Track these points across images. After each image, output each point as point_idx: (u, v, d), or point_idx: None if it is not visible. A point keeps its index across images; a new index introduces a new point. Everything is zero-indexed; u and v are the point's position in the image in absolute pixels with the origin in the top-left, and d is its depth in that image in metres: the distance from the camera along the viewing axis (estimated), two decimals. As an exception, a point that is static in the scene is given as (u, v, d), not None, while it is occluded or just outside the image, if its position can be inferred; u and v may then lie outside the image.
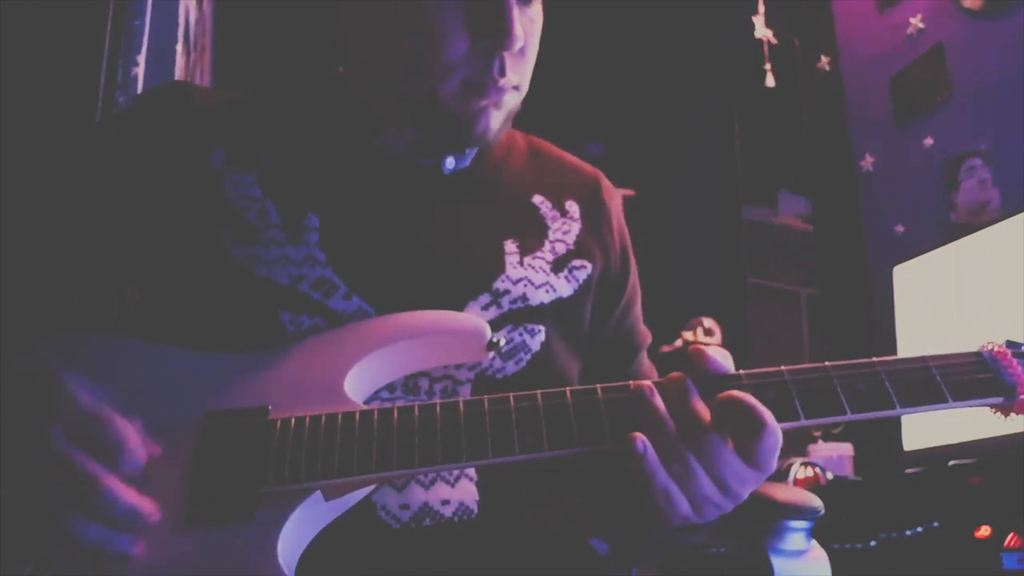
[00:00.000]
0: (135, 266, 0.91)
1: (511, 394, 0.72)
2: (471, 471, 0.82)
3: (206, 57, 2.81)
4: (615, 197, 1.09)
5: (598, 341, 1.00)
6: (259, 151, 0.92)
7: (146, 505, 0.66)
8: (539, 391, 0.73)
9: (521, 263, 0.92)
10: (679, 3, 3.66)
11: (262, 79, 1.07)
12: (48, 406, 0.65)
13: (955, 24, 2.67)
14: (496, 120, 0.91)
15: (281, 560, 0.65)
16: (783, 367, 0.75)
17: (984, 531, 1.59)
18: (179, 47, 1.81)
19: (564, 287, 0.94)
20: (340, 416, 0.71)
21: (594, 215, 1.03)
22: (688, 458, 0.70)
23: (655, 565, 1.06)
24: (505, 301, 0.89)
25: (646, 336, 1.09)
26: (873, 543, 1.78)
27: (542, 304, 0.91)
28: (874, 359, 0.75)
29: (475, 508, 0.81)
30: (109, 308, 0.93)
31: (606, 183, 1.08)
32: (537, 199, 0.99)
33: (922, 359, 0.75)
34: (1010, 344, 0.76)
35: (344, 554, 0.75)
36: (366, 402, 0.79)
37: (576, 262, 0.97)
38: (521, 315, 0.89)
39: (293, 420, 0.71)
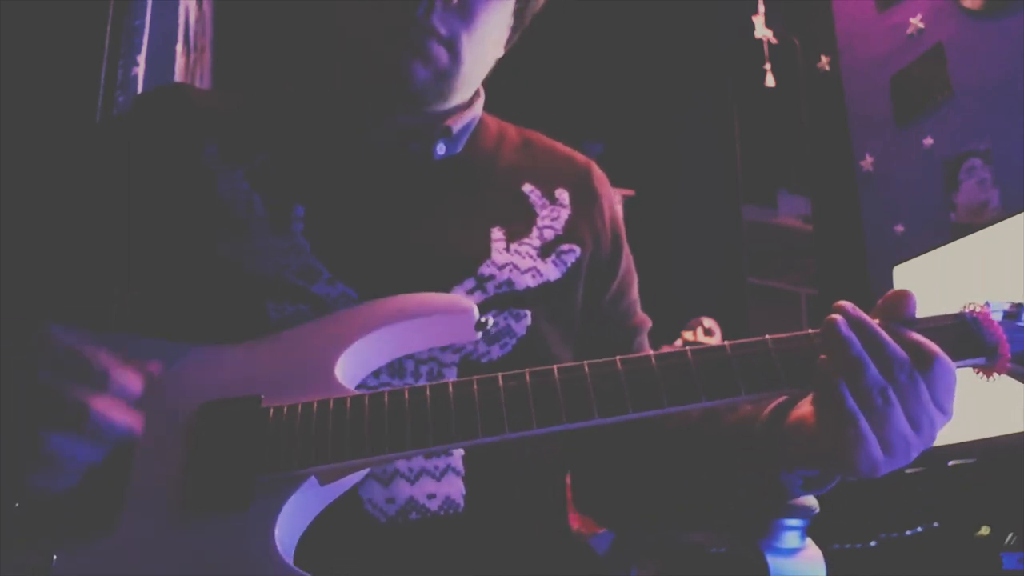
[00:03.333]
0: (132, 266, 0.91)
1: (499, 374, 0.73)
2: (458, 465, 0.82)
3: (206, 57, 2.82)
4: (606, 185, 1.09)
5: (592, 325, 1.00)
6: (251, 148, 0.93)
7: (134, 420, 0.69)
8: (527, 370, 0.73)
9: (507, 249, 0.92)
10: (679, 3, 3.67)
11: (261, 81, 1.07)
12: (34, 348, 0.68)
13: (955, 24, 2.67)
14: (422, 73, 0.90)
15: (279, 546, 0.66)
16: (767, 336, 0.74)
17: (984, 531, 1.59)
18: (179, 47, 1.81)
19: (552, 271, 0.94)
20: (332, 402, 0.72)
21: (584, 201, 1.03)
22: (888, 392, 0.68)
23: (653, 564, 1.06)
24: (490, 286, 0.89)
25: (644, 320, 1.09)
26: (873, 543, 1.78)
27: (528, 288, 0.91)
28: None
29: (461, 502, 0.81)
30: (107, 307, 0.94)
31: (597, 172, 1.09)
32: (527, 187, 1.00)
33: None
34: (991, 304, 0.76)
35: (331, 548, 0.75)
36: (356, 387, 0.79)
37: (565, 247, 0.97)
38: (506, 299, 0.89)
39: (286, 408, 0.72)
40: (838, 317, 0.70)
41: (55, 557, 0.65)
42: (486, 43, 0.95)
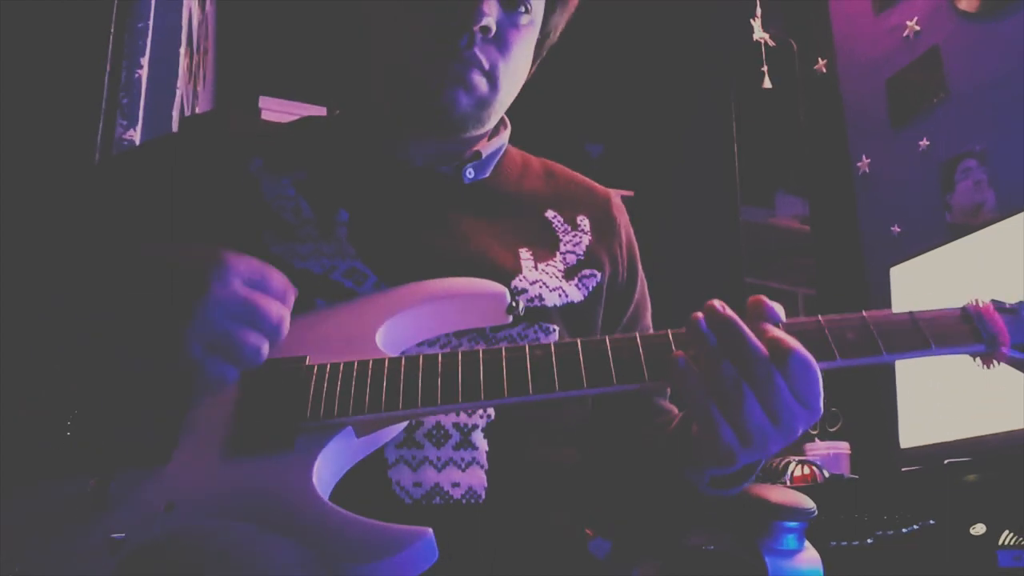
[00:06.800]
0: None
1: (526, 344, 0.78)
2: (482, 459, 0.87)
3: (209, 59, 2.83)
4: (624, 214, 1.15)
5: None
6: (294, 161, 0.99)
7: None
8: (552, 342, 0.79)
9: (536, 268, 0.98)
10: (678, 4, 3.68)
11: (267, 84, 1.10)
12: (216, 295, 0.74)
13: (951, 26, 2.68)
14: (464, 101, 0.95)
15: (317, 486, 0.72)
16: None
17: (980, 529, 1.60)
18: (182, 49, 1.83)
19: (575, 293, 1.00)
20: (371, 362, 0.79)
21: (603, 228, 1.09)
22: (741, 385, 0.71)
23: (655, 565, 1.08)
24: (522, 299, 0.94)
25: None
26: (870, 541, 1.80)
27: (556, 306, 0.96)
28: (863, 312, 0.78)
29: (482, 494, 0.86)
30: None
31: (616, 201, 1.15)
32: (550, 214, 1.06)
33: (908, 313, 0.78)
34: (995, 301, 0.80)
35: None
36: None
37: (586, 271, 1.02)
38: (536, 314, 0.94)
39: (329, 365, 0.79)
40: (699, 315, 0.74)
41: (112, 484, 0.72)
42: (519, 72, 1.01)
